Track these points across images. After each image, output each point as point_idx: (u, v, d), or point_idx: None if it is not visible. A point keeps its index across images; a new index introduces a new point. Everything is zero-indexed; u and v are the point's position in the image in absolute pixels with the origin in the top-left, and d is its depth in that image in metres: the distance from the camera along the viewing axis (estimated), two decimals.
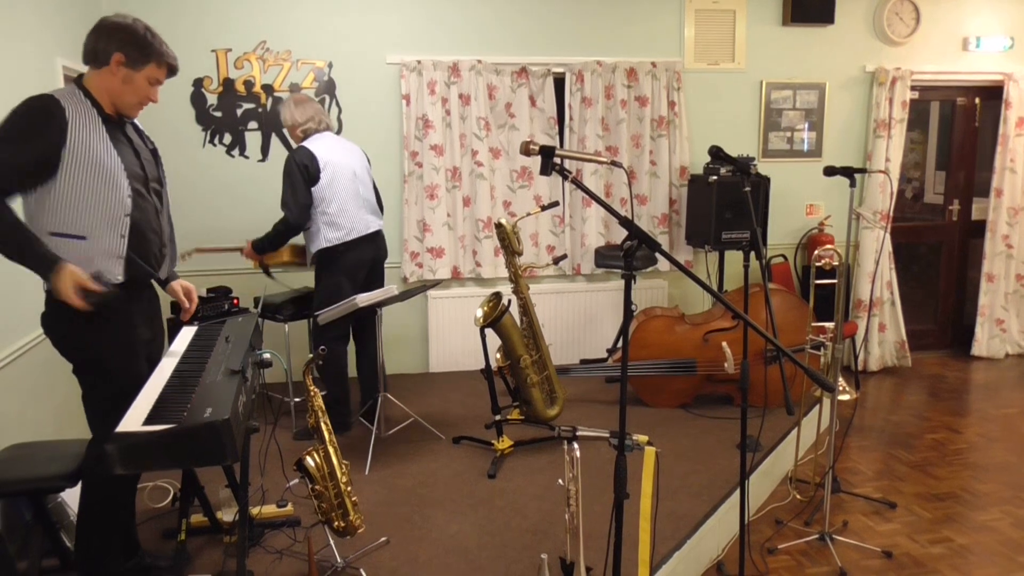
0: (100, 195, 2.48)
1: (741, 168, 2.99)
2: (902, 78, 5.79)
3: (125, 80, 2.56)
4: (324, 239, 4.17)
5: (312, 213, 4.16)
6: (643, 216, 5.71)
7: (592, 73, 5.41)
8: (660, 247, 2.08)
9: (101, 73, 2.55)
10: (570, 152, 2.75)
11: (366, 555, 3.10)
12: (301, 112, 4.24)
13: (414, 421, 4.50)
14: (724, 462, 3.93)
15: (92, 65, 2.56)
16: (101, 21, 2.57)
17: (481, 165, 5.34)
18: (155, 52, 2.58)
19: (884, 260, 5.91)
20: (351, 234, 4.21)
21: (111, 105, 2.59)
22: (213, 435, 2.05)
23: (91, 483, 2.65)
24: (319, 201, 4.13)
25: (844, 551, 3.41)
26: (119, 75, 2.55)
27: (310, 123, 4.24)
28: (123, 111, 2.64)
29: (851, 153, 6.02)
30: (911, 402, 5.37)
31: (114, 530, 2.73)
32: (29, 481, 2.61)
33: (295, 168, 4.08)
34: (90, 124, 2.49)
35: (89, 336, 2.51)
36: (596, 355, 5.65)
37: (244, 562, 2.68)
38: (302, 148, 4.14)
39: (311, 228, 4.21)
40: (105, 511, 2.69)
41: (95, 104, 2.54)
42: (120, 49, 2.53)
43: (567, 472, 2.50)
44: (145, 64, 2.58)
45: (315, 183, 4.11)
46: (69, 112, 2.44)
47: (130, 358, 2.61)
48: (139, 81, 2.58)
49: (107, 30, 2.54)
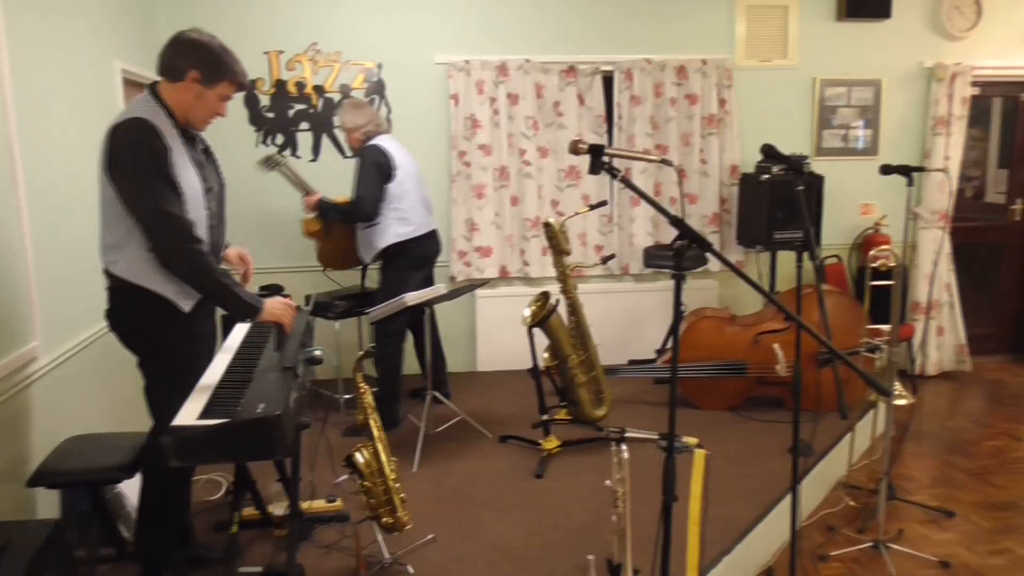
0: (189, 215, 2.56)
1: (794, 167, 2.94)
2: (962, 73, 5.63)
3: (198, 96, 2.62)
4: (394, 234, 4.31)
5: (383, 209, 4.29)
6: (693, 215, 5.64)
7: (641, 71, 5.37)
8: (711, 247, 2.05)
9: (176, 87, 2.61)
10: (619, 150, 2.73)
11: (413, 552, 3.12)
12: (360, 115, 4.38)
13: (461, 419, 4.52)
14: (775, 466, 3.86)
15: (167, 78, 2.61)
16: (179, 36, 2.63)
17: (529, 164, 5.34)
18: (229, 71, 2.65)
19: (943, 261, 5.75)
20: (419, 230, 4.39)
21: (183, 118, 2.66)
22: (265, 430, 2.08)
23: (150, 473, 2.73)
24: (391, 198, 4.28)
25: (899, 560, 3.32)
26: (193, 91, 2.61)
27: (369, 126, 4.38)
28: (193, 125, 2.70)
29: (908, 151, 5.87)
30: (970, 408, 5.22)
31: (170, 520, 2.80)
32: (88, 472, 2.68)
33: (372, 165, 4.23)
34: (176, 146, 2.56)
35: (157, 330, 2.58)
36: (644, 356, 5.60)
37: (294, 556, 2.71)
38: (376, 147, 4.28)
39: (380, 224, 4.32)
40: (162, 501, 2.76)
41: (171, 116, 2.61)
42: (196, 66, 2.58)
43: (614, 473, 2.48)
44: (219, 82, 2.64)
45: (390, 180, 4.27)
46: (164, 138, 2.51)
47: (194, 351, 2.67)
48: (211, 98, 2.65)
49: (184, 46, 2.60)
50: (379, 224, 4.32)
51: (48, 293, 3.05)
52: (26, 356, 2.83)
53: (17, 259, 2.82)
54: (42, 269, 3.00)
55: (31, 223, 2.90)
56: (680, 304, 2.11)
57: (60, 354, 3.16)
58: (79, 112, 3.51)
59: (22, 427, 2.82)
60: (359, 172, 4.27)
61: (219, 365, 2.61)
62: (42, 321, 2.98)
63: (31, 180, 2.94)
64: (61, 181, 3.25)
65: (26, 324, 2.87)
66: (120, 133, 2.48)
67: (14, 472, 2.72)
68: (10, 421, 2.73)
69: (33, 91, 3.02)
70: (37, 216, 2.97)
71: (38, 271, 2.95)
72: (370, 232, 4.36)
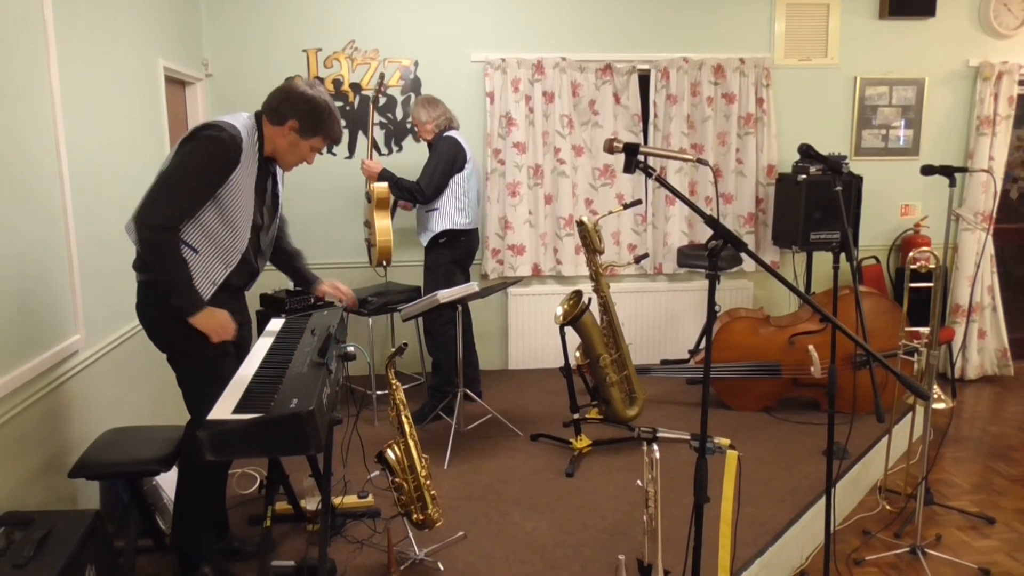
0: (226, 232, 2.66)
1: (832, 167, 2.90)
2: (1009, 72, 5.50)
3: (292, 144, 2.75)
4: (452, 221, 4.47)
5: (445, 196, 4.44)
6: (728, 215, 5.59)
7: (678, 70, 5.33)
8: (746, 247, 2.03)
9: (275, 129, 2.72)
10: (654, 149, 2.71)
11: (444, 548, 3.13)
12: (434, 109, 4.51)
13: (492, 417, 4.53)
14: (809, 469, 3.82)
15: (269, 120, 2.72)
16: (291, 84, 2.74)
17: (563, 163, 5.33)
18: (326, 129, 2.77)
19: (985, 263, 5.64)
20: (472, 224, 4.57)
21: (271, 154, 2.77)
22: (298, 425, 2.10)
23: (187, 466, 2.78)
24: (457, 188, 4.45)
25: (937, 566, 3.27)
26: (288, 138, 2.73)
27: (442, 119, 4.51)
28: (280, 165, 2.84)
29: (951, 151, 5.76)
30: (1012, 413, 5.10)
31: (207, 513, 2.85)
32: (126, 464, 2.73)
33: (447, 153, 4.41)
34: (249, 172, 2.66)
35: (180, 326, 2.62)
36: (677, 356, 5.57)
37: (326, 550, 2.74)
38: (453, 139, 4.46)
39: (439, 209, 4.47)
40: (199, 494, 2.81)
41: (261, 147, 2.72)
42: (297, 117, 2.70)
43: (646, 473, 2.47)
44: (314, 136, 2.76)
45: (460, 171, 4.45)
46: (242, 158, 2.61)
47: (221, 347, 2.70)
48: (304, 148, 2.78)
49: (292, 96, 2.70)
50: (439, 210, 4.47)
51: (90, 288, 3.12)
52: (68, 350, 2.90)
53: (61, 254, 2.88)
54: (85, 264, 3.06)
55: (75, 219, 2.97)
56: (714, 304, 2.09)
57: (101, 348, 3.22)
58: (123, 109, 3.58)
59: (64, 419, 2.89)
60: (432, 158, 4.42)
61: (253, 360, 2.64)
62: (84, 315, 3.05)
63: (75, 176, 3.00)
64: (104, 177, 3.32)
65: (68, 318, 2.93)
66: (210, 131, 2.57)
67: (56, 463, 2.79)
68: (52, 413, 2.79)
69: (79, 88, 3.09)
70: (81, 212, 3.04)
71: (81, 266, 3.02)
72: (431, 216, 4.49)
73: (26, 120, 2.65)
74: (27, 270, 2.63)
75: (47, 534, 2.16)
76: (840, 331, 1.93)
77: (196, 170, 2.55)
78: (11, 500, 2.46)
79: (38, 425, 2.69)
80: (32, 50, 2.72)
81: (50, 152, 2.82)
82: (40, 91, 2.77)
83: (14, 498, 2.48)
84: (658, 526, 2.47)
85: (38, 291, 2.69)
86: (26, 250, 2.62)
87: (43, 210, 2.75)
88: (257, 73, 5.09)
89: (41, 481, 2.68)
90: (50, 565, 2.02)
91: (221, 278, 2.68)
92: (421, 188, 4.39)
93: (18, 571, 1.99)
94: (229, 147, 2.57)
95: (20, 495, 2.52)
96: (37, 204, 2.71)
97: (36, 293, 2.68)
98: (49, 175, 2.81)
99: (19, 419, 2.56)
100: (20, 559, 2.03)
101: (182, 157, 2.56)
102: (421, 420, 4.46)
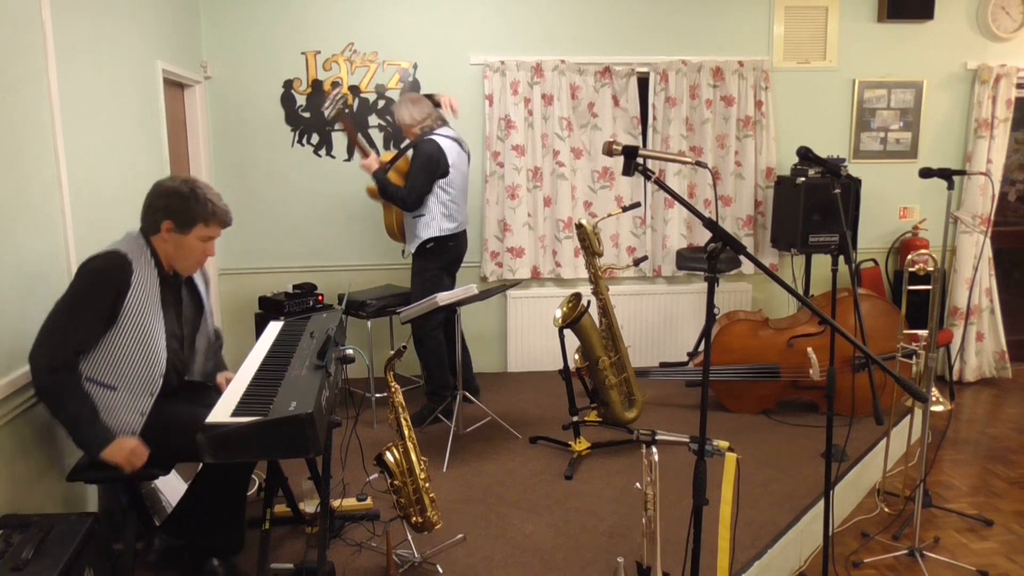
0: (139, 357, 2.55)
1: (831, 169, 2.90)
2: (1007, 75, 5.52)
3: (177, 245, 2.62)
4: (439, 228, 4.37)
5: (430, 202, 4.34)
6: (727, 218, 5.60)
7: (677, 72, 5.34)
8: (745, 249, 2.03)
9: (156, 239, 2.62)
10: (653, 152, 2.71)
11: (443, 551, 3.13)
12: (418, 110, 4.40)
13: (491, 420, 4.52)
14: (807, 471, 3.82)
15: (147, 232, 2.63)
16: (154, 188, 2.63)
17: (562, 165, 5.33)
18: (201, 214, 2.61)
19: (983, 266, 5.65)
20: (460, 227, 4.47)
21: (169, 267, 2.67)
22: (297, 428, 2.10)
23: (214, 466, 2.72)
24: (443, 193, 4.34)
25: (935, 568, 3.27)
26: (170, 241, 2.62)
27: (427, 120, 4.40)
28: (181, 272, 2.72)
29: (949, 154, 5.77)
30: (1011, 415, 5.11)
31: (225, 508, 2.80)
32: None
33: (426, 158, 4.27)
34: (148, 289, 2.56)
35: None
36: (676, 358, 5.57)
37: (325, 553, 2.74)
38: (434, 143, 4.30)
39: (425, 216, 4.36)
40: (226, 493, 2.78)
41: (158, 263, 2.62)
42: (167, 217, 2.58)
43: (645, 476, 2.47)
44: (192, 227, 2.61)
45: (444, 176, 4.33)
46: (135, 277, 2.52)
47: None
48: (191, 243, 2.63)
49: (155, 198, 2.60)
50: (425, 216, 4.37)
51: None
52: None
53: (60, 258, 2.88)
54: None
55: (73, 221, 2.96)
56: (713, 307, 2.09)
57: None
58: (121, 112, 3.58)
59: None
60: (412, 164, 4.29)
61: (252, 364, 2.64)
62: None
63: (73, 179, 3.00)
64: (103, 180, 3.32)
65: None
66: (89, 262, 2.50)
67: (55, 466, 2.78)
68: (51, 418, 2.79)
69: (77, 91, 3.09)
70: (79, 214, 3.03)
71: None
72: (416, 222, 4.41)
73: (24, 123, 2.65)
74: (26, 273, 2.62)
75: (45, 537, 2.16)
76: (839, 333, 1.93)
77: (78, 301, 2.46)
78: (10, 503, 2.46)
79: (37, 428, 2.68)
80: (30, 53, 2.72)
81: (49, 156, 2.82)
82: (38, 94, 2.76)
83: (13, 501, 2.48)
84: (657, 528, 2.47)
85: (37, 295, 2.68)
86: (25, 253, 2.62)
87: (42, 213, 2.75)
88: (256, 75, 5.10)
89: (40, 484, 2.68)
90: (48, 568, 2.02)
91: (148, 406, 2.58)
92: (403, 197, 4.28)
93: (16, 574, 1.99)
94: (110, 268, 2.48)
95: (19, 498, 2.52)
96: (36, 207, 2.71)
97: (35, 297, 2.67)
98: (48, 179, 2.81)
99: (18, 422, 2.56)
100: (18, 562, 2.03)
101: (65, 292, 2.48)
102: (420, 423, 4.46)
